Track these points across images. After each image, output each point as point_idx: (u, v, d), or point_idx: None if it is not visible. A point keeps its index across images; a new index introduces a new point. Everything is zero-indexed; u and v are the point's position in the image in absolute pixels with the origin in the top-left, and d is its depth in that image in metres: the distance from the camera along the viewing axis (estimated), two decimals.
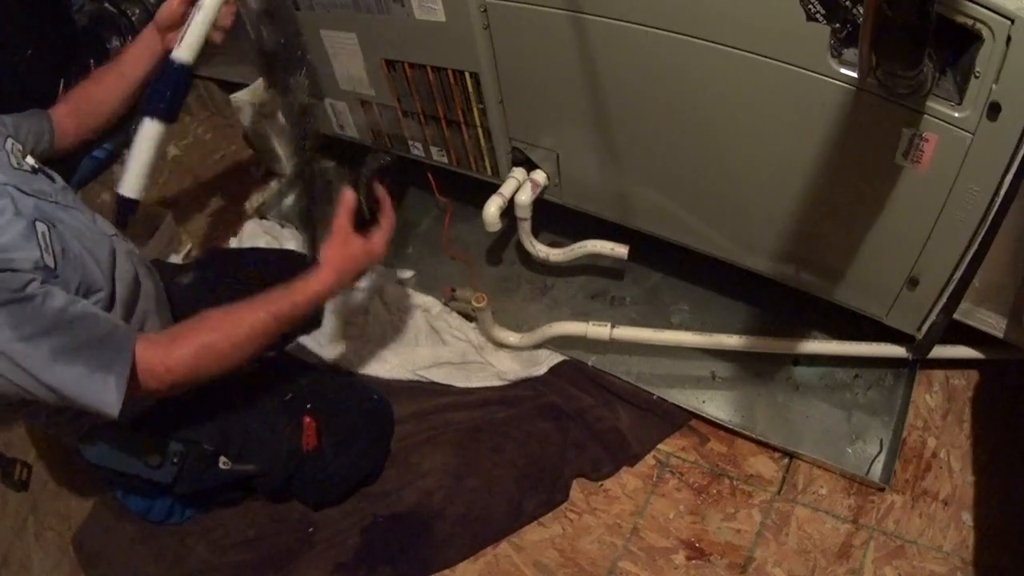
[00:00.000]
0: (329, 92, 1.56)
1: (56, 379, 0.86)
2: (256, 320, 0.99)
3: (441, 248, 1.68)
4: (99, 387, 0.88)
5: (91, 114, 1.22)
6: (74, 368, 0.87)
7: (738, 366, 1.38)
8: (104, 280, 1.00)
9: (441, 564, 1.25)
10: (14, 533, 1.45)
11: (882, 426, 1.28)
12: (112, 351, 0.90)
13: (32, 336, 0.84)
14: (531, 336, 1.44)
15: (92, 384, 0.88)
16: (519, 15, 1.12)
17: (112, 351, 0.90)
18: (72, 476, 1.49)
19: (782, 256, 1.19)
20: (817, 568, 1.16)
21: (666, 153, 1.17)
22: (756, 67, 0.95)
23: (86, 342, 0.88)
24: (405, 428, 1.40)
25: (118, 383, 0.89)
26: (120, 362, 0.90)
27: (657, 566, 1.20)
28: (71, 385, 0.87)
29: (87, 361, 0.87)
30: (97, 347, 0.89)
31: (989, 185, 0.90)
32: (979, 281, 1.04)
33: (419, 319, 1.56)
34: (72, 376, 0.87)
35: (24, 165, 1.02)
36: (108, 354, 0.90)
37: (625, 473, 1.31)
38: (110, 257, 1.05)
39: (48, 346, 0.85)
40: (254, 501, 1.35)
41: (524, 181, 1.37)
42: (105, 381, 0.88)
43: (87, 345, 0.88)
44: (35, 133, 1.14)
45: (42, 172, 1.06)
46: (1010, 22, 0.77)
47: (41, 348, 0.85)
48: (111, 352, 0.90)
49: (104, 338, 0.90)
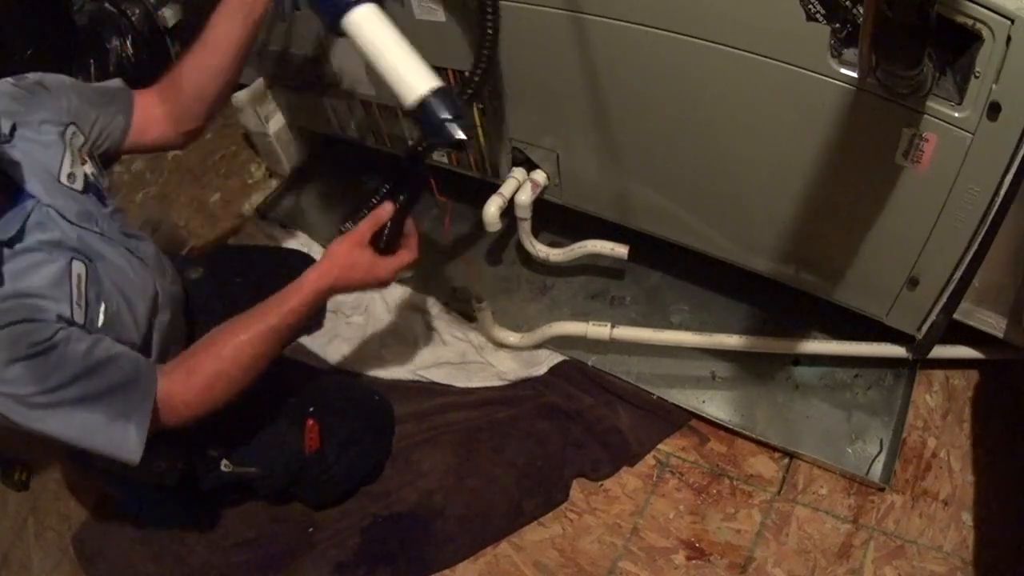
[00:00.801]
0: (329, 92, 1.56)
1: (76, 429, 0.83)
2: (259, 337, 0.95)
3: (441, 248, 1.68)
4: (119, 436, 0.85)
5: (184, 96, 1.05)
6: (95, 416, 0.83)
7: (738, 366, 1.38)
8: (137, 333, 0.95)
9: (441, 564, 1.25)
10: (14, 533, 1.45)
11: (882, 426, 1.28)
12: (133, 398, 0.86)
13: (55, 388, 0.81)
14: (531, 336, 1.44)
15: (112, 433, 0.85)
16: (519, 15, 1.12)
17: (133, 398, 0.86)
18: (72, 476, 1.49)
19: (782, 256, 1.19)
20: (817, 568, 1.16)
21: (666, 153, 1.17)
22: (756, 67, 0.95)
23: (108, 389, 0.84)
24: (405, 428, 1.40)
25: (139, 432, 0.86)
26: (141, 411, 0.86)
27: (657, 566, 1.20)
28: (89, 435, 0.84)
29: (107, 409, 0.84)
30: (119, 394, 0.85)
31: (989, 185, 0.90)
32: (979, 281, 1.04)
33: (419, 319, 1.56)
34: (91, 425, 0.84)
35: (76, 180, 0.92)
36: (129, 401, 0.86)
37: (625, 473, 1.31)
38: (150, 303, 0.98)
39: (70, 395, 0.82)
40: (254, 501, 1.35)
41: (524, 181, 1.37)
42: (125, 430, 0.85)
43: (108, 392, 0.84)
44: (106, 119, 1.00)
45: (94, 190, 0.96)
46: (1010, 22, 0.77)
47: (63, 399, 0.81)
48: (132, 399, 0.86)
49: (126, 384, 0.86)
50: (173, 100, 1.06)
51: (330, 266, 0.99)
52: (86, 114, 0.98)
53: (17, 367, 0.78)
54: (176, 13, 2.02)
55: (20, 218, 0.83)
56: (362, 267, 1.00)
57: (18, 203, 0.84)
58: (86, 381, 0.82)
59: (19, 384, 0.79)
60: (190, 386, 0.91)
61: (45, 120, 0.92)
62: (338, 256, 0.99)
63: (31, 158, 0.88)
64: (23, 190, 0.86)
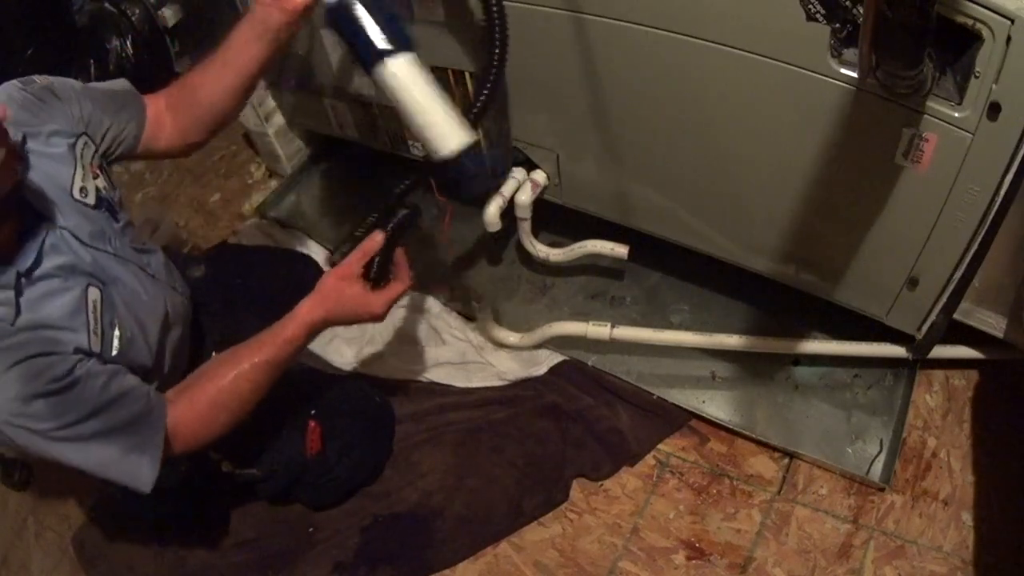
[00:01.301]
0: (329, 92, 1.56)
1: (92, 461, 0.84)
2: (256, 370, 0.95)
3: (441, 248, 1.68)
4: (133, 468, 0.87)
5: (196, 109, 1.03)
6: (110, 449, 0.85)
7: (738, 366, 1.38)
8: (150, 355, 0.95)
9: (441, 564, 1.25)
10: (14, 533, 1.45)
11: (882, 426, 1.28)
12: (146, 431, 0.87)
13: (73, 423, 0.81)
14: (531, 336, 1.44)
15: (127, 465, 0.86)
16: (519, 15, 1.12)
17: (146, 431, 0.87)
18: (72, 476, 1.48)
19: (782, 256, 1.19)
20: (817, 568, 1.16)
21: (666, 153, 1.17)
22: (756, 67, 0.95)
23: (122, 424, 0.85)
24: (405, 428, 1.40)
25: (151, 464, 0.87)
26: (154, 444, 0.88)
27: (657, 566, 1.20)
28: (105, 467, 0.86)
29: (122, 443, 0.85)
30: (133, 428, 0.86)
31: (989, 185, 0.90)
32: (979, 281, 1.04)
33: (419, 319, 1.56)
34: (107, 457, 0.85)
35: (88, 194, 0.91)
36: (142, 435, 0.87)
37: (625, 473, 1.31)
38: (161, 322, 0.99)
39: (87, 430, 0.82)
40: (254, 501, 1.35)
41: (524, 181, 1.37)
42: (139, 462, 0.87)
43: (123, 427, 0.85)
44: (119, 127, 0.98)
45: (106, 204, 0.95)
46: (1010, 22, 0.77)
47: (81, 433, 0.82)
48: (146, 433, 0.87)
49: (138, 419, 0.87)
50: (185, 112, 1.03)
51: (321, 299, 0.98)
52: (99, 122, 0.96)
53: (38, 403, 0.79)
54: (176, 13, 2.02)
55: (36, 245, 0.82)
56: (352, 300, 0.99)
57: (34, 228, 0.83)
58: (102, 417, 0.83)
59: (38, 419, 0.79)
60: (193, 416, 0.92)
61: (55, 132, 0.90)
62: (328, 290, 0.99)
63: (42, 173, 0.86)
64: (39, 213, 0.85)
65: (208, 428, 0.94)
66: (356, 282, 0.99)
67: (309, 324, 0.98)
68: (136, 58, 1.99)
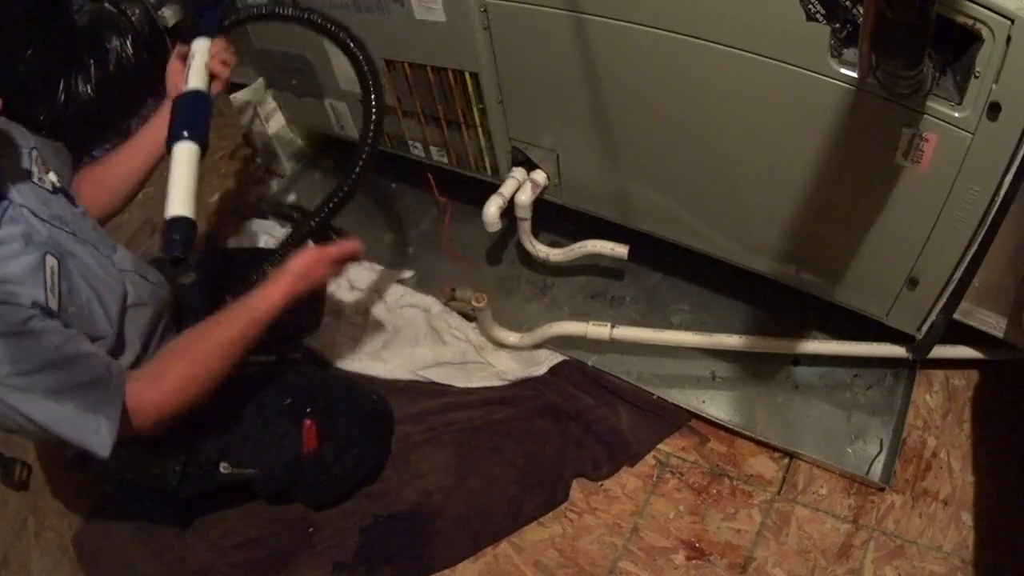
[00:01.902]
0: (329, 92, 1.56)
1: (48, 417, 0.85)
2: (225, 342, 0.99)
3: (441, 248, 1.68)
4: (91, 428, 0.87)
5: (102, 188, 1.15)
6: (65, 407, 0.85)
7: (738, 366, 1.38)
8: (110, 328, 0.98)
9: (441, 564, 1.25)
10: (14, 533, 1.45)
11: (882, 426, 1.28)
12: (103, 394, 0.89)
13: (28, 372, 0.83)
14: (531, 336, 1.44)
15: (84, 424, 0.87)
16: (519, 15, 1.12)
17: (103, 394, 0.89)
18: (72, 476, 1.49)
19: (782, 256, 1.19)
20: (817, 568, 1.16)
21: (666, 153, 1.17)
22: (756, 67, 0.95)
23: (79, 383, 0.87)
24: (405, 428, 1.40)
25: (109, 426, 0.88)
26: (111, 406, 0.89)
27: (657, 566, 1.20)
28: (62, 424, 0.86)
29: (79, 401, 0.86)
30: (89, 389, 0.88)
31: (989, 185, 0.90)
32: (979, 281, 1.04)
33: (419, 319, 1.56)
34: (64, 415, 0.86)
35: (45, 182, 0.99)
36: (99, 396, 0.88)
37: (625, 473, 1.31)
38: (120, 302, 1.02)
39: (43, 383, 0.84)
40: (254, 501, 1.35)
41: (524, 181, 1.37)
42: (96, 423, 0.87)
43: (80, 386, 0.87)
44: (56, 163, 1.07)
45: (62, 192, 1.02)
46: (1010, 22, 0.77)
47: (36, 385, 0.84)
48: (103, 395, 0.89)
49: (96, 381, 0.89)
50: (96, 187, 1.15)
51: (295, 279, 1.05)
52: (43, 149, 1.05)
53: None
54: (176, 13, 2.01)
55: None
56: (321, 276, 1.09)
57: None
58: (58, 372, 0.85)
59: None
60: (159, 388, 0.94)
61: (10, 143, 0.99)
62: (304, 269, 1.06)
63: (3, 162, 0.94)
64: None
65: (174, 400, 0.95)
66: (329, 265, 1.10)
67: (280, 304, 1.03)
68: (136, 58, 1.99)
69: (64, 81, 1.84)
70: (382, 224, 1.78)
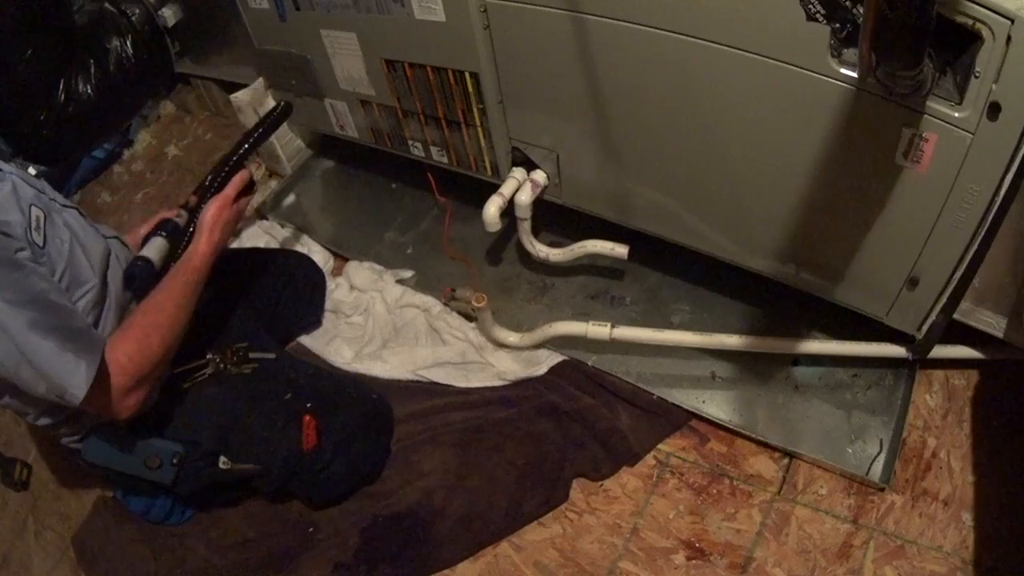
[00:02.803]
0: (329, 92, 1.56)
1: (31, 347, 0.89)
2: (176, 293, 1.11)
3: (441, 248, 1.68)
4: (70, 367, 0.91)
5: None
6: (47, 343, 0.90)
7: (738, 366, 1.38)
8: (94, 274, 1.06)
9: (441, 564, 1.25)
10: (14, 533, 1.45)
11: (882, 426, 1.28)
12: (84, 342, 0.94)
13: (14, 302, 0.88)
14: (531, 336, 1.44)
15: (63, 362, 0.91)
16: (519, 15, 1.12)
17: (84, 342, 0.94)
18: (72, 476, 1.49)
19: (782, 256, 1.19)
20: (817, 568, 1.16)
21: (666, 153, 1.17)
22: (756, 67, 0.95)
23: (61, 326, 0.92)
24: (405, 428, 1.40)
25: (88, 370, 0.92)
26: (91, 352, 0.93)
27: (657, 566, 1.20)
28: (43, 358, 0.90)
29: (60, 341, 0.91)
30: (71, 334, 0.93)
31: (989, 185, 0.90)
32: (979, 281, 1.04)
33: (419, 319, 1.56)
34: (45, 350, 0.90)
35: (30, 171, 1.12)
36: (80, 342, 0.93)
37: (625, 473, 1.31)
38: (103, 255, 1.10)
39: (27, 316, 0.89)
40: (254, 501, 1.35)
41: (524, 181, 1.37)
42: (76, 363, 0.92)
43: (62, 329, 0.92)
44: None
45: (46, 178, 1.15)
46: (1010, 22, 0.77)
47: (20, 316, 0.88)
48: (83, 342, 0.94)
49: (78, 331, 0.94)
50: None
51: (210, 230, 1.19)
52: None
53: None
54: (176, 13, 2.02)
55: None
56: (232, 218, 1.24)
57: None
58: (43, 311, 0.91)
59: None
60: (128, 338, 1.02)
61: None
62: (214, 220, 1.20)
63: None
64: None
65: (144, 347, 1.02)
66: (232, 205, 1.25)
67: (210, 252, 1.18)
68: (136, 58, 1.99)
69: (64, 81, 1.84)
70: (382, 224, 1.78)
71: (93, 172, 2.27)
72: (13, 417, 1.61)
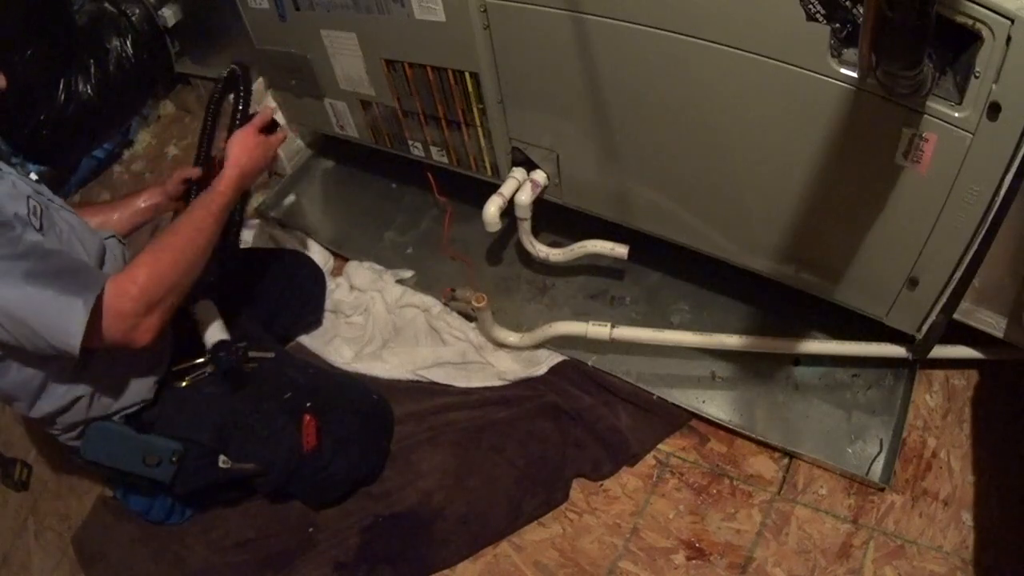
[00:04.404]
0: (329, 92, 1.56)
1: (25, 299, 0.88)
2: (195, 216, 1.08)
3: (441, 248, 1.68)
4: (65, 311, 0.90)
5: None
6: (44, 293, 0.89)
7: (738, 366, 1.38)
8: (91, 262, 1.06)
9: (441, 564, 1.25)
10: (14, 533, 1.45)
11: (882, 426, 1.28)
12: (83, 279, 0.93)
13: (6, 256, 0.88)
14: (531, 336, 1.44)
15: (56, 307, 0.90)
16: (519, 15, 1.12)
17: (83, 279, 0.93)
18: (72, 476, 1.49)
19: (782, 256, 1.19)
20: (817, 568, 1.16)
21: (666, 153, 1.17)
22: (756, 67, 0.95)
23: (58, 271, 0.92)
24: (405, 428, 1.40)
25: (84, 309, 0.90)
26: (89, 291, 0.91)
27: (657, 566, 1.20)
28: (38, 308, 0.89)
29: (57, 286, 0.90)
30: (70, 276, 0.92)
31: (989, 185, 0.90)
32: (979, 281, 1.04)
33: (419, 319, 1.56)
34: (40, 299, 0.89)
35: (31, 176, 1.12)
36: (78, 281, 0.92)
37: (625, 473, 1.31)
38: (99, 253, 1.10)
39: (20, 269, 0.89)
40: (254, 501, 1.35)
41: (524, 181, 1.37)
42: (71, 305, 0.90)
43: (59, 273, 0.91)
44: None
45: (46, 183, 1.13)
46: (1010, 22, 0.77)
47: (14, 269, 0.88)
48: (82, 280, 0.93)
49: (76, 270, 0.94)
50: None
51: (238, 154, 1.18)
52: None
53: None
54: (176, 13, 2.02)
55: None
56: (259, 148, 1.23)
57: None
58: (37, 261, 0.91)
59: None
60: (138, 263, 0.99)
61: None
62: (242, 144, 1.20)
63: None
64: None
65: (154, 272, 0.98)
66: (259, 135, 1.23)
67: (236, 176, 1.16)
68: (136, 58, 2.00)
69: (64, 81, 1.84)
70: (382, 224, 1.78)
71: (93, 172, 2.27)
72: (13, 417, 1.61)
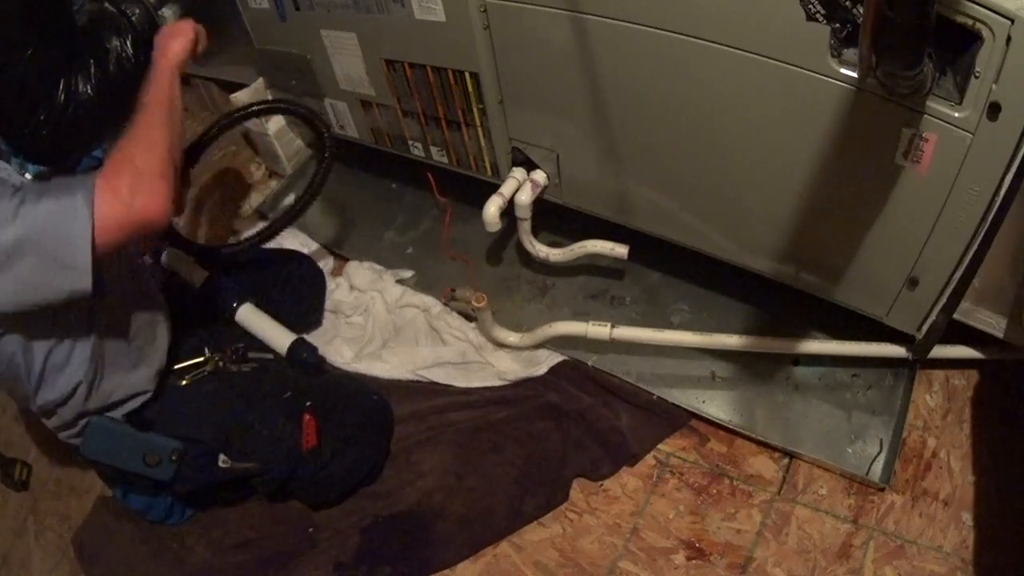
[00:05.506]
0: (329, 92, 1.56)
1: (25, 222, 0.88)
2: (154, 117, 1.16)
3: (441, 248, 1.68)
4: (69, 212, 0.90)
5: None
6: (40, 205, 0.89)
7: (738, 366, 1.38)
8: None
9: (441, 564, 1.25)
10: (14, 533, 1.45)
11: (882, 426, 1.28)
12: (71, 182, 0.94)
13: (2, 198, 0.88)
14: (531, 336, 1.44)
15: (61, 210, 0.89)
16: (519, 15, 1.12)
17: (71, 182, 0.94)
18: (72, 476, 1.49)
19: (782, 256, 1.19)
20: (817, 568, 1.16)
21: (666, 153, 1.17)
22: (756, 67, 0.95)
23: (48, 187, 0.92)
24: (405, 428, 1.40)
25: (85, 200, 0.90)
26: (83, 186, 0.92)
27: (657, 566, 1.20)
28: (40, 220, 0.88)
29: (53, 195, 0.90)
30: (58, 185, 0.93)
31: (989, 185, 0.90)
32: (979, 281, 1.04)
33: (419, 319, 1.56)
34: (40, 211, 0.89)
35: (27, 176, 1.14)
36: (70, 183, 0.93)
37: (625, 473, 1.31)
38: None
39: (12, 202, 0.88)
40: (254, 501, 1.35)
41: (524, 181, 1.37)
42: (72, 203, 0.90)
43: (48, 188, 0.92)
44: None
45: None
46: (1010, 22, 0.77)
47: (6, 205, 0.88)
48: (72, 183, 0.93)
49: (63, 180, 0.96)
50: None
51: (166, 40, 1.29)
52: None
53: None
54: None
55: None
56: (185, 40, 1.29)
57: None
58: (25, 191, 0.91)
59: None
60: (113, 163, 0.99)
61: None
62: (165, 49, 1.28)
63: None
64: None
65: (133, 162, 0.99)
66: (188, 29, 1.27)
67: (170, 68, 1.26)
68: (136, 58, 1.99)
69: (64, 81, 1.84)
70: (382, 224, 1.78)
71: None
72: (13, 417, 1.61)
